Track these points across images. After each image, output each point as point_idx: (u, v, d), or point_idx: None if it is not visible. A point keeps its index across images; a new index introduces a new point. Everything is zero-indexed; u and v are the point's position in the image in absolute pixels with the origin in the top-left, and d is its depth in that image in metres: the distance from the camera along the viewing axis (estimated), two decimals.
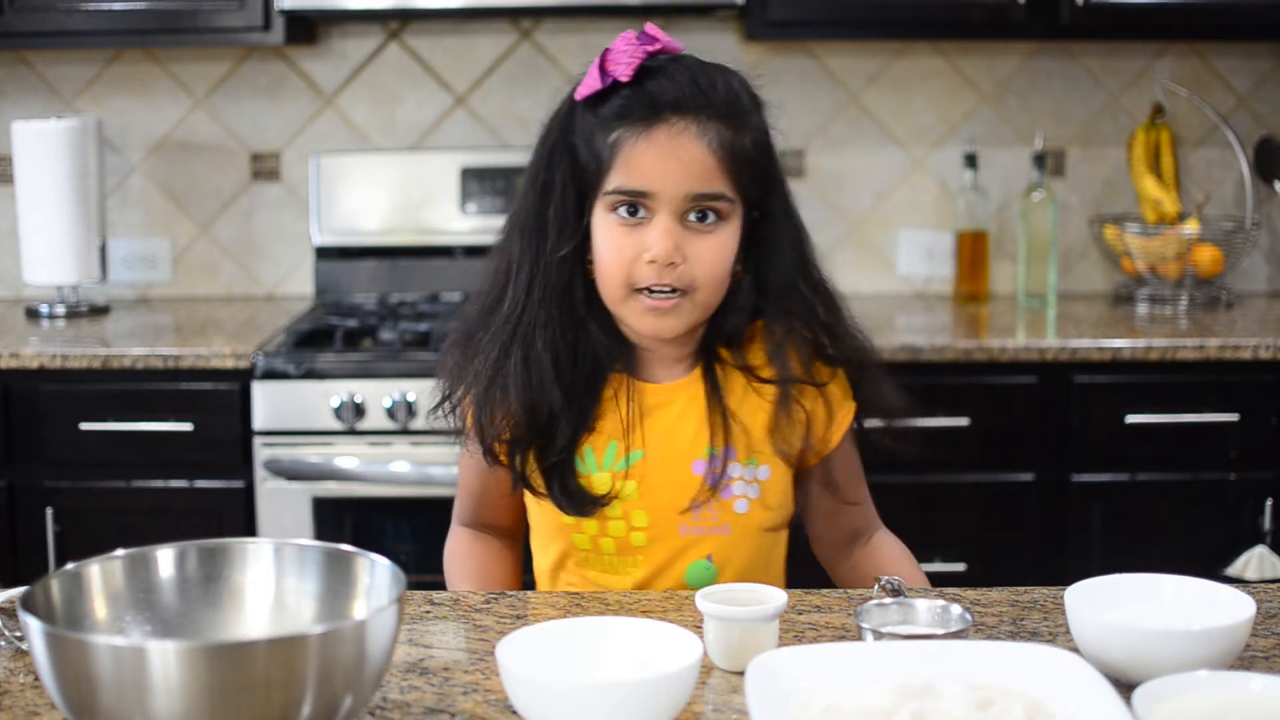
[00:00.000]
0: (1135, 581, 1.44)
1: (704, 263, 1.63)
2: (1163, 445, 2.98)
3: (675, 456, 1.70)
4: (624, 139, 1.61)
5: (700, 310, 1.66)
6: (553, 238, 1.66)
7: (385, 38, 3.52)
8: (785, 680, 1.23)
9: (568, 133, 1.66)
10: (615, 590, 1.70)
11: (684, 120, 1.61)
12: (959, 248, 3.44)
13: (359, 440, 2.93)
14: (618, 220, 1.63)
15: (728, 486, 1.70)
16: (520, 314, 1.67)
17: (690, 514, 1.70)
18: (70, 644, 1.13)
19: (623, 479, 1.69)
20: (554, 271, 1.66)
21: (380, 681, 1.23)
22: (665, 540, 1.71)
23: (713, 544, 1.72)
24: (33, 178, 3.28)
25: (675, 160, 1.61)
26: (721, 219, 1.64)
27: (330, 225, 3.48)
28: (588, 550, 1.73)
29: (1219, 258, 3.36)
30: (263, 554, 1.35)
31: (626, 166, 1.61)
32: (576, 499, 1.68)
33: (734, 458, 1.70)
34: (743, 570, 1.73)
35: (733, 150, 1.63)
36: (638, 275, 1.63)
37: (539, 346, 1.65)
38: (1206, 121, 3.49)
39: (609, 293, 1.66)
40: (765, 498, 1.72)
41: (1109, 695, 1.17)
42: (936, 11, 3.19)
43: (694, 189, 1.61)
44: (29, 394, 2.97)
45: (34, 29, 3.21)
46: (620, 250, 1.63)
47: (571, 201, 1.65)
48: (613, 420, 1.70)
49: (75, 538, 2.98)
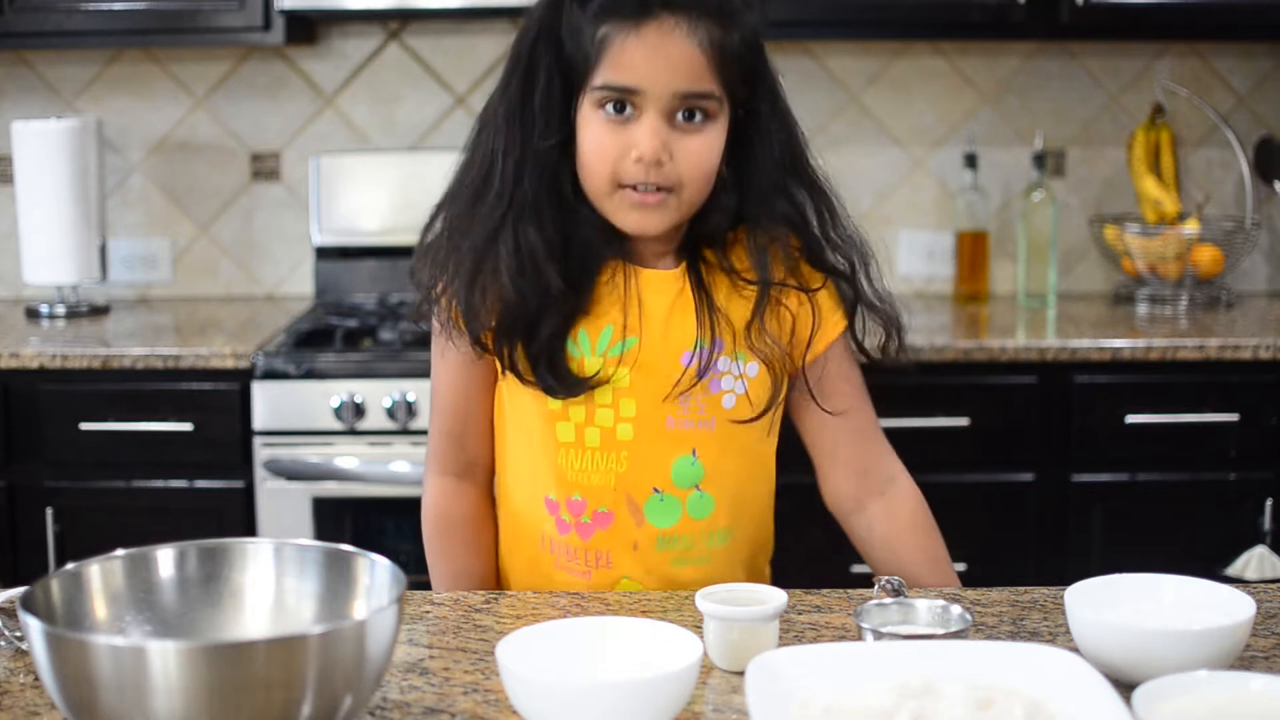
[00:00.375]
0: (1135, 581, 1.44)
1: (691, 162, 1.62)
2: (1163, 445, 2.99)
3: (666, 346, 1.68)
4: (612, 35, 1.59)
5: (686, 208, 1.65)
6: (539, 128, 1.63)
7: (385, 38, 3.52)
8: (785, 680, 1.23)
9: (553, 23, 1.63)
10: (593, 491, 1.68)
11: (674, 17, 1.59)
12: (959, 248, 3.44)
13: (359, 440, 2.93)
14: (604, 117, 1.61)
15: (716, 380, 1.68)
16: (509, 203, 1.64)
17: (678, 405, 1.67)
18: (70, 644, 1.13)
19: (615, 364, 1.66)
20: (542, 161, 1.64)
21: (380, 681, 1.23)
22: (651, 433, 1.68)
23: (698, 439, 1.69)
24: (33, 178, 3.28)
25: (664, 58, 1.59)
26: (709, 118, 1.63)
27: (330, 225, 3.48)
28: (570, 443, 1.69)
29: (1219, 258, 3.36)
30: (263, 554, 1.35)
31: (615, 63, 1.59)
32: (566, 381, 1.65)
33: (721, 350, 1.68)
34: (729, 475, 1.71)
35: (722, 48, 1.61)
36: (623, 172, 1.61)
37: (530, 233, 1.63)
38: (1206, 121, 3.49)
39: (593, 187, 1.64)
40: (752, 394, 1.69)
41: (1109, 695, 1.17)
42: (936, 11, 3.19)
43: (682, 88, 1.60)
44: (29, 394, 2.97)
45: (34, 29, 3.21)
46: (606, 148, 1.61)
47: (558, 93, 1.63)
48: (610, 304, 1.68)
49: (75, 538, 2.98)
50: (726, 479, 1.71)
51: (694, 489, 1.70)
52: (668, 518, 1.69)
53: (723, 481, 1.71)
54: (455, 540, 1.78)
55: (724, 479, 1.71)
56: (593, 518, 1.70)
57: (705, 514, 1.70)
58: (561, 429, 1.69)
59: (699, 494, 1.70)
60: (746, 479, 1.74)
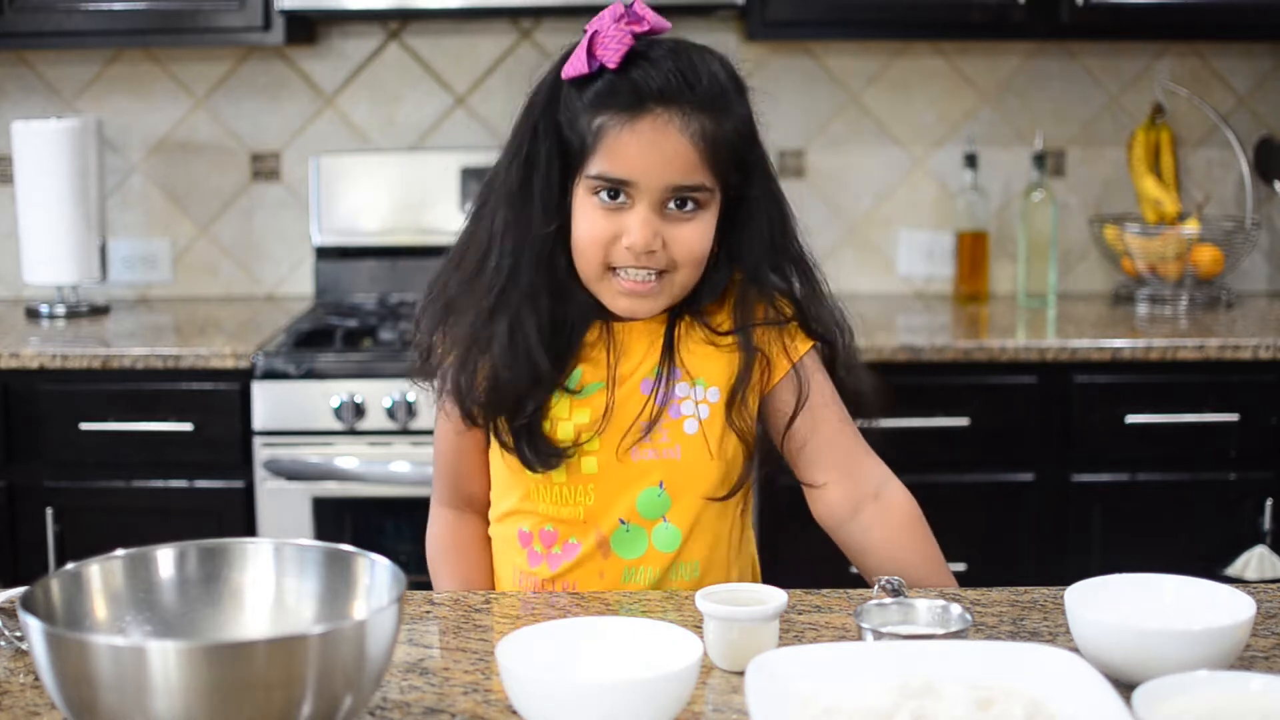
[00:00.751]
0: (1135, 581, 1.44)
1: (682, 249, 1.65)
2: (1163, 445, 2.99)
3: (630, 382, 1.70)
4: (608, 126, 1.62)
5: (678, 290, 1.68)
6: (538, 210, 1.67)
7: (385, 38, 3.52)
8: (785, 680, 1.23)
9: (553, 109, 1.67)
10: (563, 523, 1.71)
11: (669, 112, 1.62)
12: (959, 248, 3.44)
13: (359, 440, 2.93)
14: (598, 203, 1.64)
15: (676, 405, 1.71)
16: (505, 283, 1.68)
17: (641, 436, 1.70)
18: (70, 644, 1.13)
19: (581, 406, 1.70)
20: (539, 245, 1.67)
21: (380, 681, 1.23)
22: (617, 466, 1.70)
23: (664, 470, 1.71)
24: (33, 178, 3.28)
25: (658, 152, 1.61)
26: (700, 207, 1.66)
27: (330, 225, 3.48)
28: (539, 480, 1.72)
29: (1219, 258, 3.36)
30: (263, 554, 1.35)
31: (609, 154, 1.62)
32: (542, 454, 1.69)
33: (679, 377, 1.71)
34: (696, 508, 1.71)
35: (715, 141, 1.64)
36: (615, 257, 1.65)
37: (525, 315, 1.67)
38: (1206, 121, 3.49)
39: (586, 271, 1.67)
40: (715, 419, 1.71)
41: (1109, 695, 1.17)
42: (936, 11, 3.19)
43: (675, 180, 1.63)
44: (29, 394, 2.97)
45: (34, 29, 3.21)
46: (599, 233, 1.64)
47: (556, 177, 1.66)
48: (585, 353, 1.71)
49: (75, 538, 2.98)
50: (694, 511, 1.72)
51: (660, 520, 1.72)
52: (633, 549, 1.71)
53: (690, 514, 1.72)
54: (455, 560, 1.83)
55: (691, 511, 1.72)
56: (562, 548, 1.73)
57: (672, 546, 1.72)
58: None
59: (665, 525, 1.71)
60: (716, 511, 1.75)
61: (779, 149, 3.46)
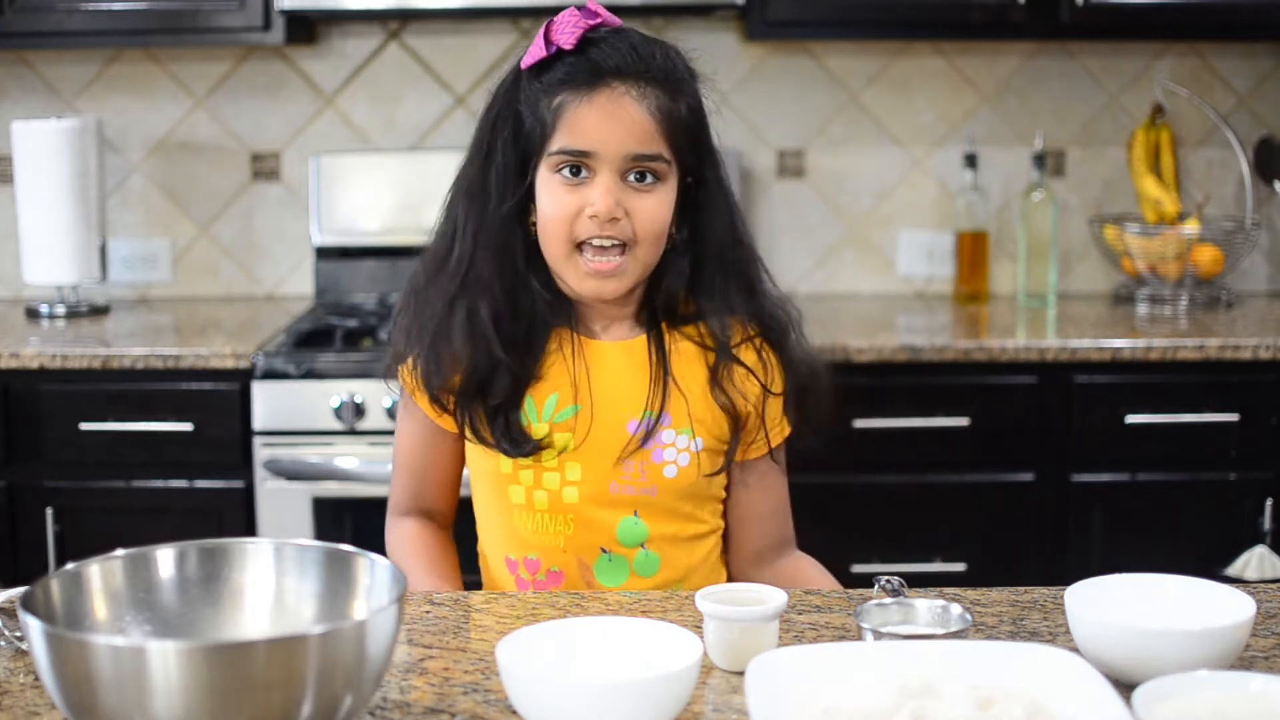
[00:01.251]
0: (1135, 581, 1.45)
1: (644, 219, 1.70)
2: (1163, 445, 2.99)
3: (613, 413, 1.75)
4: (567, 102, 1.69)
5: (640, 268, 1.73)
6: (494, 198, 1.73)
7: (385, 38, 3.52)
8: (785, 680, 1.23)
9: (512, 100, 1.73)
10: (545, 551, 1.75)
11: (624, 84, 1.69)
12: (959, 248, 3.44)
13: (359, 440, 2.93)
14: (561, 180, 1.70)
15: (659, 450, 1.75)
16: (465, 271, 1.74)
17: (621, 471, 1.74)
18: (70, 644, 1.13)
19: (562, 430, 1.74)
20: (496, 230, 1.73)
21: (380, 681, 1.23)
22: (595, 497, 1.75)
23: (640, 504, 1.76)
24: (33, 178, 3.28)
25: (616, 121, 1.68)
26: (659, 180, 1.71)
27: (330, 225, 3.48)
28: (521, 505, 1.76)
29: (1219, 258, 3.36)
30: (263, 554, 1.35)
31: (570, 128, 1.69)
32: (518, 441, 1.74)
33: (668, 424, 1.75)
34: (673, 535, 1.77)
35: (670, 115, 1.70)
36: (580, 230, 1.70)
37: (481, 301, 1.73)
38: (1206, 121, 3.49)
39: (552, 250, 1.72)
40: (696, 468, 1.76)
41: (1109, 695, 1.17)
42: (936, 11, 3.19)
43: (634, 149, 1.69)
44: (29, 394, 2.97)
45: (34, 29, 3.21)
46: (563, 207, 1.70)
47: (513, 164, 1.73)
48: (557, 373, 1.76)
49: (75, 538, 2.98)
50: (671, 539, 1.78)
51: (639, 548, 1.76)
52: (615, 577, 1.77)
53: (668, 540, 1.77)
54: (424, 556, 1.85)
55: (669, 538, 1.77)
56: (546, 575, 1.77)
57: (652, 572, 1.77)
58: (513, 491, 1.77)
59: (645, 553, 1.77)
60: (691, 537, 1.80)
61: (779, 149, 3.46)
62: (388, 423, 2.91)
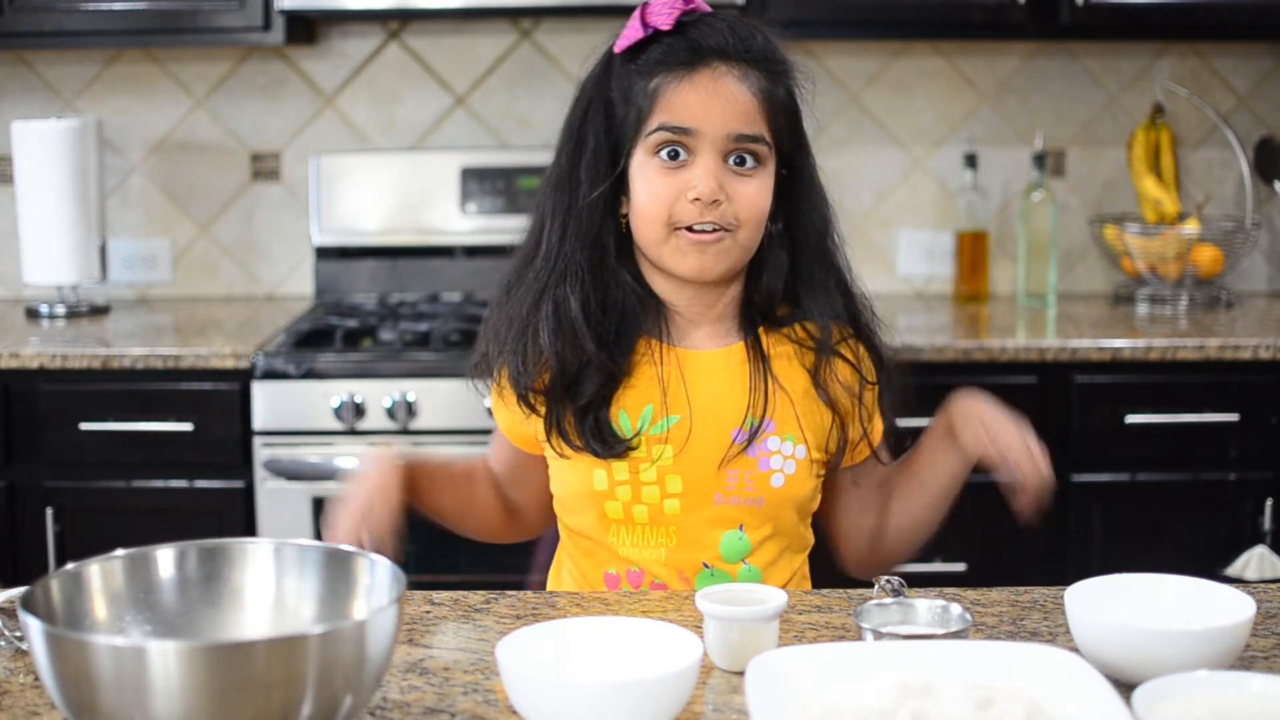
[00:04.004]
0: (1135, 581, 1.45)
1: (746, 202, 1.65)
2: (1163, 445, 2.98)
3: (715, 424, 1.69)
4: (665, 83, 1.64)
5: (741, 250, 1.67)
6: (585, 188, 1.68)
7: (385, 38, 3.52)
8: (785, 680, 1.23)
9: (604, 88, 1.69)
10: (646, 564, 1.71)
11: (726, 64, 1.65)
12: (959, 248, 3.44)
13: (359, 440, 2.93)
14: (659, 163, 1.65)
15: (765, 459, 1.70)
16: (553, 264, 1.69)
17: (725, 482, 1.69)
18: (70, 644, 1.13)
19: (659, 443, 1.69)
20: (585, 219, 1.68)
21: (380, 681, 1.23)
22: (699, 509, 1.70)
23: (745, 516, 1.71)
24: (33, 178, 3.28)
25: (718, 99, 1.63)
26: (760, 164, 1.67)
27: (330, 225, 3.48)
28: (620, 520, 1.71)
29: (1219, 258, 3.36)
30: (263, 554, 1.35)
31: (669, 107, 1.64)
32: (608, 441, 1.68)
33: (773, 430, 1.70)
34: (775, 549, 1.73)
35: (771, 97, 1.66)
36: (680, 214, 1.64)
37: (569, 294, 1.67)
38: (1206, 121, 3.49)
39: (649, 234, 1.66)
40: (800, 475, 1.72)
41: (1109, 695, 1.17)
42: (936, 11, 3.19)
43: (736, 129, 1.64)
44: (29, 394, 2.97)
45: (34, 29, 3.21)
46: (662, 191, 1.64)
47: (605, 154, 1.68)
48: (647, 383, 1.70)
49: (75, 538, 2.98)
50: (772, 553, 1.74)
51: (742, 563, 1.72)
52: None
53: (769, 555, 1.73)
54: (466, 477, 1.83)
55: (770, 553, 1.73)
56: (651, 587, 1.72)
57: None
58: (610, 508, 1.71)
59: (747, 568, 1.72)
60: (788, 550, 1.77)
61: None
62: (388, 422, 2.91)
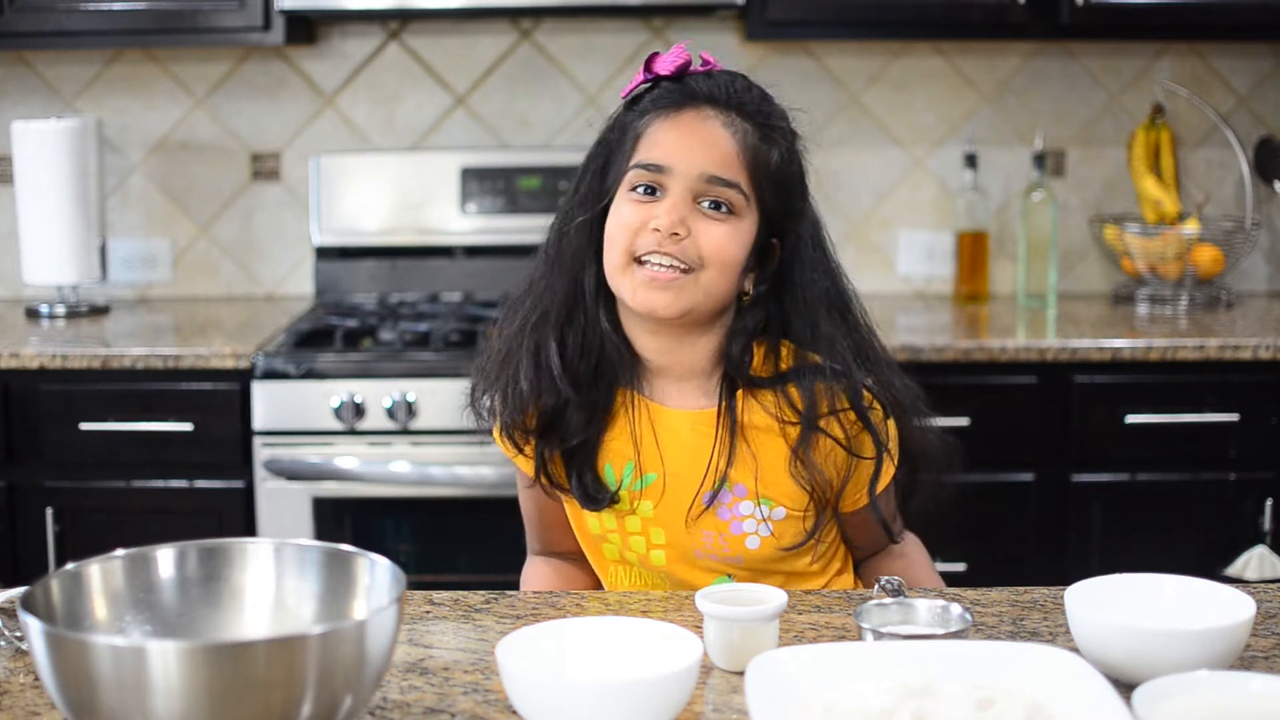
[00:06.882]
0: (1135, 581, 1.45)
1: (710, 243, 1.63)
2: (1163, 445, 2.98)
3: (688, 484, 1.70)
4: (652, 121, 1.66)
5: (701, 293, 1.64)
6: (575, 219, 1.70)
7: (385, 38, 3.52)
8: (785, 680, 1.23)
9: (608, 131, 1.72)
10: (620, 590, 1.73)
11: (714, 109, 1.66)
12: (959, 248, 3.44)
13: (359, 440, 2.93)
14: (633, 197, 1.66)
15: (737, 523, 1.70)
16: (538, 301, 1.70)
17: (702, 542, 1.71)
18: (70, 644, 1.13)
19: (639, 498, 1.72)
20: (567, 259, 1.69)
21: (380, 681, 1.23)
22: (683, 560, 1.73)
23: (730, 569, 1.74)
24: (33, 178, 3.28)
25: (695, 138, 1.64)
26: (734, 213, 1.65)
27: (330, 225, 3.48)
28: (615, 561, 1.77)
29: (1219, 258, 3.36)
30: (263, 554, 1.35)
31: (648, 144, 1.65)
32: (593, 496, 1.70)
33: (745, 495, 1.69)
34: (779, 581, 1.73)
35: (756, 153, 1.65)
36: (640, 243, 1.63)
37: (549, 334, 1.68)
38: (1206, 121, 3.49)
39: (610, 260, 1.66)
40: (778, 537, 1.71)
41: (1109, 695, 1.17)
42: (936, 11, 3.19)
43: (709, 170, 1.63)
44: (29, 394, 2.97)
45: (34, 29, 3.21)
46: (629, 219, 1.65)
47: (594, 193, 1.69)
48: (626, 439, 1.71)
49: (75, 538, 2.98)
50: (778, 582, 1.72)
51: None
52: None
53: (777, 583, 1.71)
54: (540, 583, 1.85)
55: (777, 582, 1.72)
56: None
57: None
58: (606, 549, 1.76)
59: None
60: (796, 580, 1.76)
61: None
62: (388, 422, 2.91)
